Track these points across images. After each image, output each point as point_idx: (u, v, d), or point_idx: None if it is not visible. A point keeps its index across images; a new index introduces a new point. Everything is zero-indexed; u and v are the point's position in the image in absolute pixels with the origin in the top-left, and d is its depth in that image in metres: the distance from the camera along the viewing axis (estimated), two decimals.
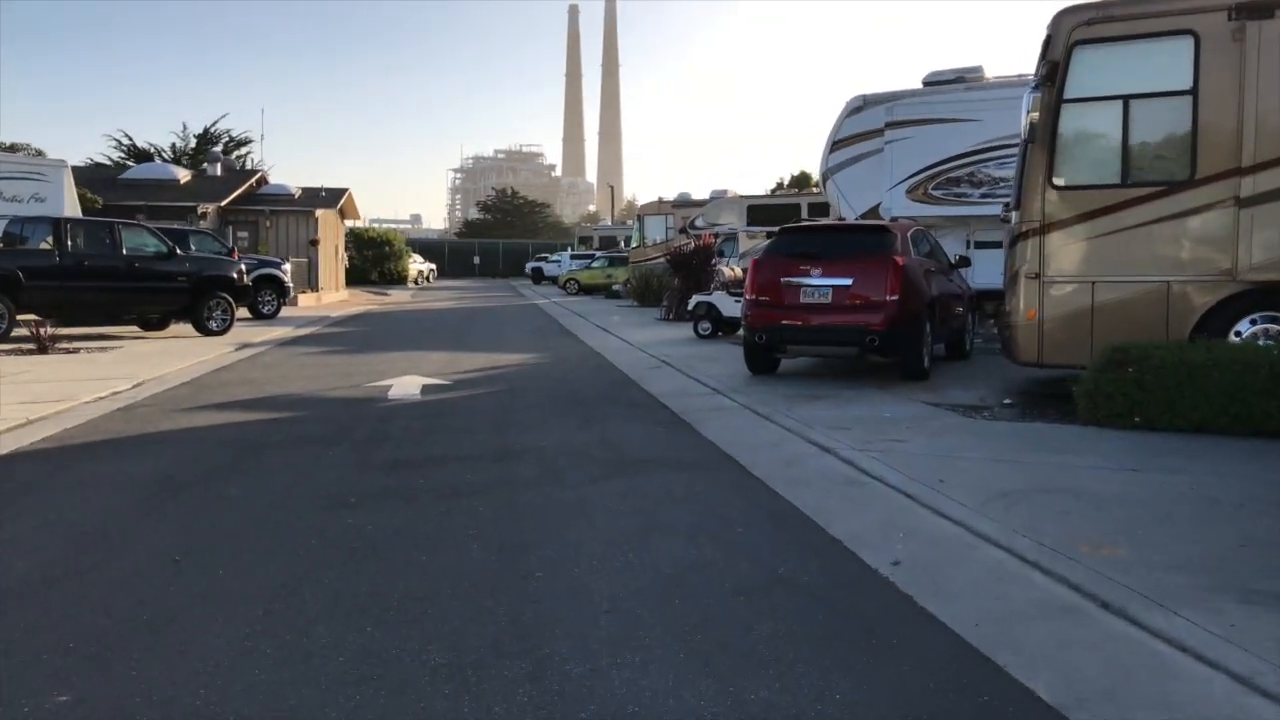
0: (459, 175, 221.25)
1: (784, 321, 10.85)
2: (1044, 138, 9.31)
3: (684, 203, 36.23)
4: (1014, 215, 9.85)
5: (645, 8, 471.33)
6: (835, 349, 11.02)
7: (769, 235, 21.07)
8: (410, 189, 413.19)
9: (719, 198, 34.13)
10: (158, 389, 11.28)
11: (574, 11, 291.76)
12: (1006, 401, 8.97)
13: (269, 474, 6.75)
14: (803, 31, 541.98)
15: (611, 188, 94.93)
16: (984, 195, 15.49)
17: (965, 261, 12.93)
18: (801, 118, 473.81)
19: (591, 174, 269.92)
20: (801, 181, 57.98)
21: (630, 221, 71.75)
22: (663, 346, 15.75)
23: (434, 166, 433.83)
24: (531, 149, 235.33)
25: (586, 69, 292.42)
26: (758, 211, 28.99)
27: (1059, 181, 9.35)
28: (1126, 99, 9.09)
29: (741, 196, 30.97)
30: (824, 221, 16.05)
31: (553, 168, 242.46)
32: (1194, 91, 8.78)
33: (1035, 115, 9.23)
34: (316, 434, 8.31)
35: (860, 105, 16.71)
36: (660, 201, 37.21)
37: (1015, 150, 15.49)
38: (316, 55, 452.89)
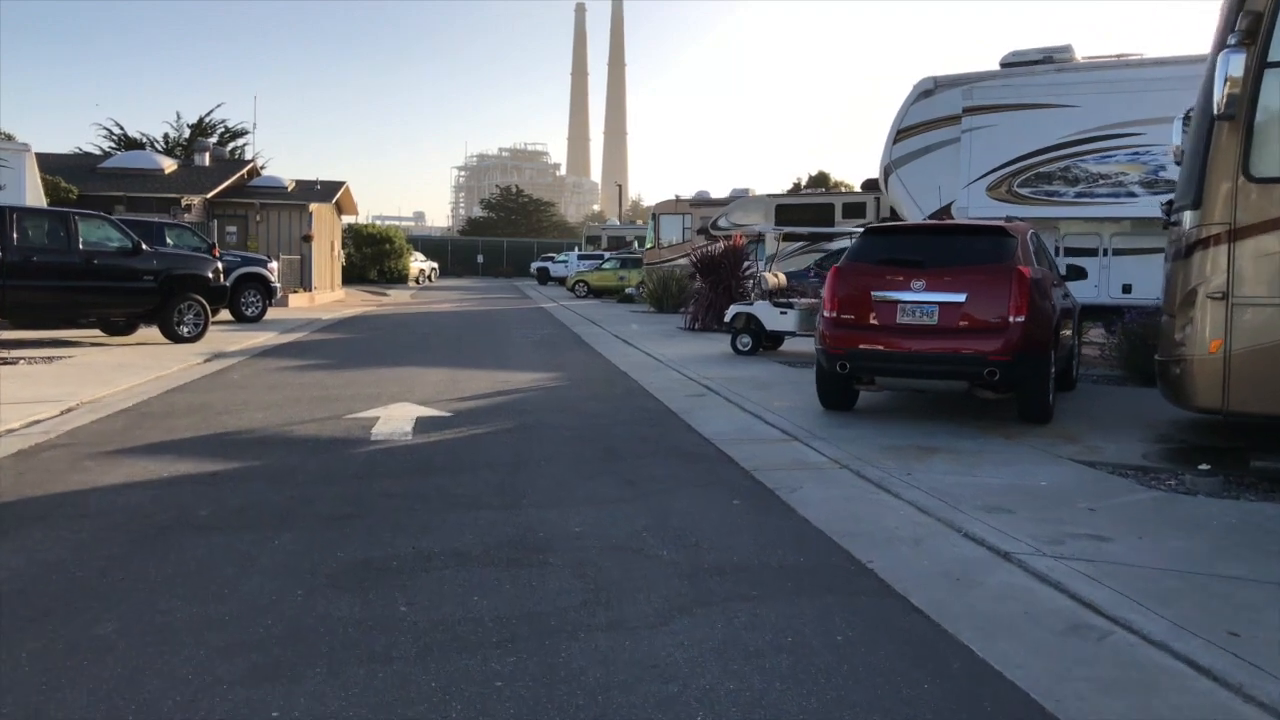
0: (463, 173, 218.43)
1: (874, 346, 8.56)
2: (1242, 113, 7.02)
3: (702, 202, 33.92)
4: (1187, 216, 7.56)
5: (652, 7, 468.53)
6: (940, 383, 8.70)
7: (787, 238, 18.87)
8: (413, 186, 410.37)
9: (741, 196, 31.90)
10: (87, 418, 9.02)
11: (580, 10, 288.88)
12: (1203, 467, 6.67)
13: (169, 589, 4.45)
14: (808, 32, 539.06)
15: (619, 186, 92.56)
16: (1079, 194, 13.21)
17: (1080, 273, 10.63)
18: (810, 119, 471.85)
19: (596, 173, 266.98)
20: (820, 181, 55.84)
21: (641, 221, 69.56)
22: (698, 365, 13.47)
23: (438, 164, 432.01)
24: (536, 147, 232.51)
25: (592, 68, 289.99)
26: (786, 211, 26.73)
27: (1258, 172, 7.06)
28: None
29: (768, 195, 28.68)
30: (924, 221, 13.72)
31: (557, 166, 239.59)
32: None
33: (1234, 84, 6.92)
34: (263, 504, 6.01)
35: (931, 88, 14.41)
36: (677, 200, 34.85)
37: (1119, 143, 13.30)
38: (320, 51, 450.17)
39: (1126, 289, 13.09)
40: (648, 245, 35.68)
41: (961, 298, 8.27)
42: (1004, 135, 13.51)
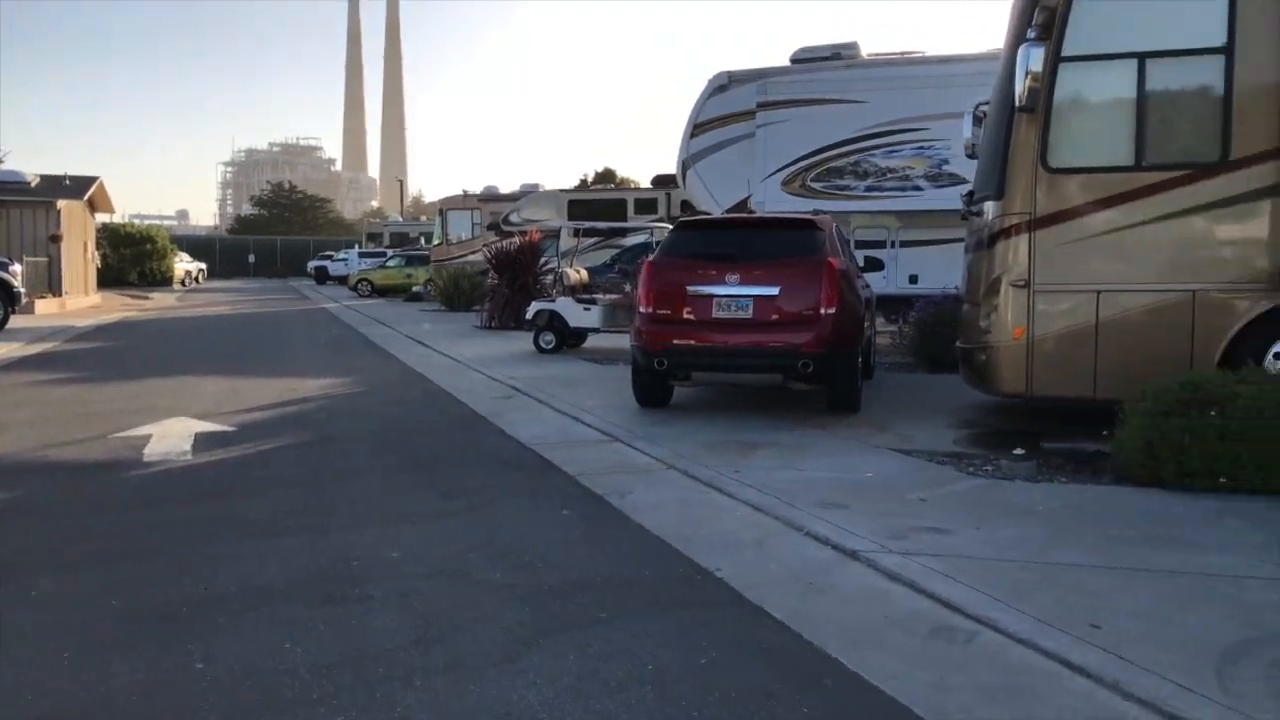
0: (230, 169, 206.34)
1: (691, 342, 8.37)
2: (1040, 105, 7.25)
3: (492, 197, 33.18)
4: (989, 207, 7.78)
5: (430, 7, 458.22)
6: (757, 376, 8.62)
7: (585, 233, 18.73)
8: (176, 183, 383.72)
9: (531, 191, 31.46)
10: None
11: (354, 4, 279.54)
12: (1018, 452, 6.80)
13: None
14: (595, 33, 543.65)
15: (401, 182, 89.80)
16: (869, 188, 13.59)
17: (877, 264, 10.86)
18: (599, 118, 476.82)
19: (374, 169, 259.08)
20: (607, 177, 56.21)
21: (425, 217, 67.75)
22: (502, 365, 12.97)
23: (202, 160, 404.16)
24: (309, 142, 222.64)
25: (369, 62, 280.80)
26: (579, 206, 26.53)
27: (1055, 163, 7.33)
28: (1142, 57, 7.16)
29: (560, 190, 28.39)
30: (735, 214, 13.63)
31: (332, 162, 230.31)
32: (1228, 49, 6.94)
33: (1034, 77, 7.12)
34: (15, 546, 5.11)
35: (725, 83, 14.48)
36: (465, 195, 33.98)
37: (905, 138, 13.75)
38: (68, 44, 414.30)
39: (913, 279, 13.57)
40: (435, 242, 34.62)
41: (775, 291, 8.20)
42: (797, 130, 13.73)
